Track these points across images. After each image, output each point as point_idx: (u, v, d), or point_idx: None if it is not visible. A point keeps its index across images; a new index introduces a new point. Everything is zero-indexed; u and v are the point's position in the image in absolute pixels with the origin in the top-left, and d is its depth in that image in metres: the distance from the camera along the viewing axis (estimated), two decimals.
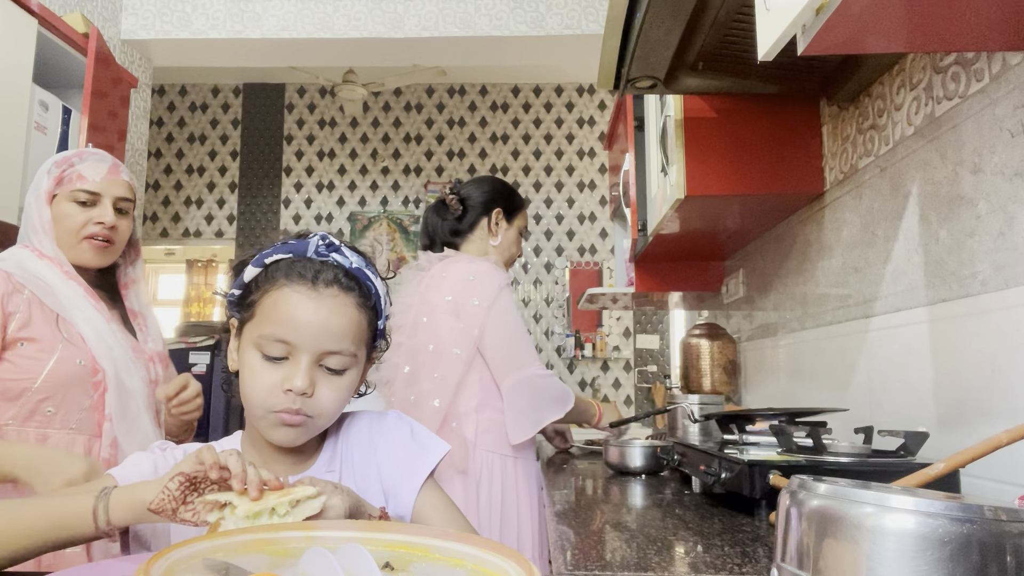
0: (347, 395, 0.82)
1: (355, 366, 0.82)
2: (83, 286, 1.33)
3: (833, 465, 1.05)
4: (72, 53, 2.42)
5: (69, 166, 1.36)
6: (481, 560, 0.59)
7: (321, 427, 0.82)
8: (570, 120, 5.30)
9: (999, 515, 0.50)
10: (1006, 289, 0.98)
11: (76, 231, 1.33)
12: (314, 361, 0.78)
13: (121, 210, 1.38)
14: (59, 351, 1.27)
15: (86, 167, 1.36)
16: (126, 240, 1.41)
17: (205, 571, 0.56)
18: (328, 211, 5.28)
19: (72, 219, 1.33)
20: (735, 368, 2.21)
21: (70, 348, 1.28)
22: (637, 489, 1.43)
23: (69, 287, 1.31)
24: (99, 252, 1.35)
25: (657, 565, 0.81)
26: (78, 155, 1.38)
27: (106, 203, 1.35)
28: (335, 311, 0.79)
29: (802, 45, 0.85)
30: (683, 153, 1.59)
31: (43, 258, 1.32)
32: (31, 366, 1.25)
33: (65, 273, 1.32)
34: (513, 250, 1.86)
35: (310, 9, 3.67)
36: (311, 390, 0.78)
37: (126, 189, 1.39)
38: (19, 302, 1.26)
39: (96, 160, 1.38)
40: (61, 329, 1.28)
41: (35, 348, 1.25)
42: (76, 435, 1.29)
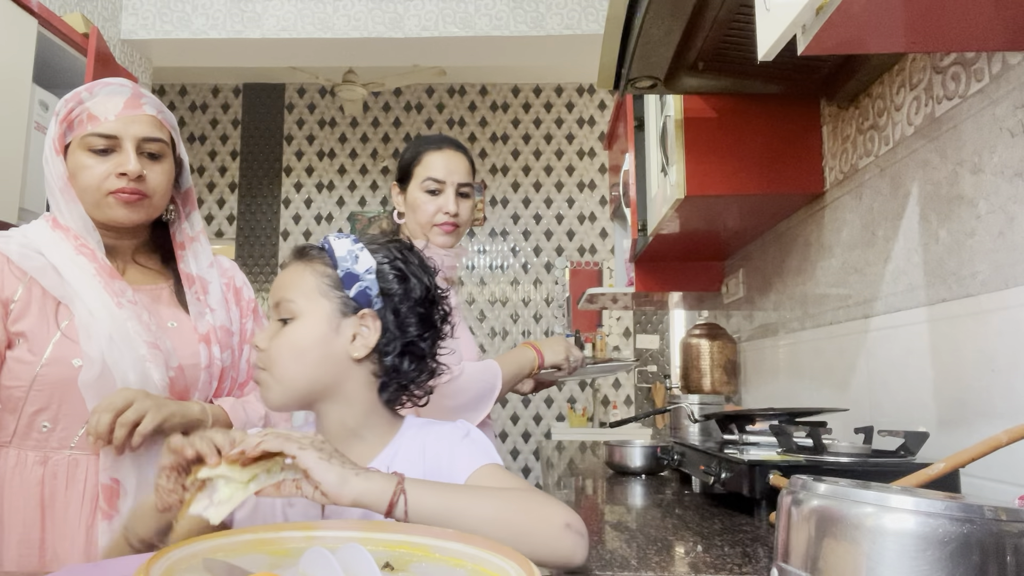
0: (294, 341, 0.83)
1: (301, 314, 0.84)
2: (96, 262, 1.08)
3: (833, 465, 1.05)
4: (72, 53, 2.42)
5: (78, 103, 1.08)
6: (481, 560, 0.59)
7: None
8: (570, 120, 5.30)
9: (999, 515, 0.50)
10: (1006, 289, 0.98)
11: (96, 186, 1.07)
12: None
13: (151, 154, 1.10)
14: (50, 350, 1.04)
15: (98, 103, 1.07)
16: (165, 189, 1.13)
17: (205, 571, 0.56)
18: (328, 211, 5.28)
19: (89, 171, 1.07)
20: (735, 368, 2.21)
21: (65, 345, 1.04)
22: (637, 489, 1.43)
23: (77, 264, 1.06)
24: (130, 208, 1.08)
25: (657, 565, 0.81)
26: (89, 89, 1.09)
27: (127, 147, 1.07)
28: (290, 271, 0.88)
29: (802, 45, 0.85)
30: (683, 153, 1.59)
31: (56, 228, 1.09)
32: (22, 370, 1.04)
33: (76, 247, 1.08)
34: (419, 216, 1.50)
35: (310, 9, 3.67)
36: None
37: (152, 126, 1.09)
38: (15, 287, 1.06)
39: (109, 92, 1.08)
40: (58, 321, 1.05)
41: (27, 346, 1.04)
42: (79, 456, 1.06)
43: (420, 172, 1.51)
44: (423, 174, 1.50)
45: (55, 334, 1.05)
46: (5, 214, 2.07)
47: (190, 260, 1.19)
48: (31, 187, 2.18)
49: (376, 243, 0.88)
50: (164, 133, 1.12)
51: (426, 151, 1.53)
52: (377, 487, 0.69)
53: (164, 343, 1.10)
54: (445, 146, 1.53)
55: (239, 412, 1.16)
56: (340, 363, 0.83)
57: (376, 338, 0.83)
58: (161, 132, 1.11)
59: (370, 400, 0.86)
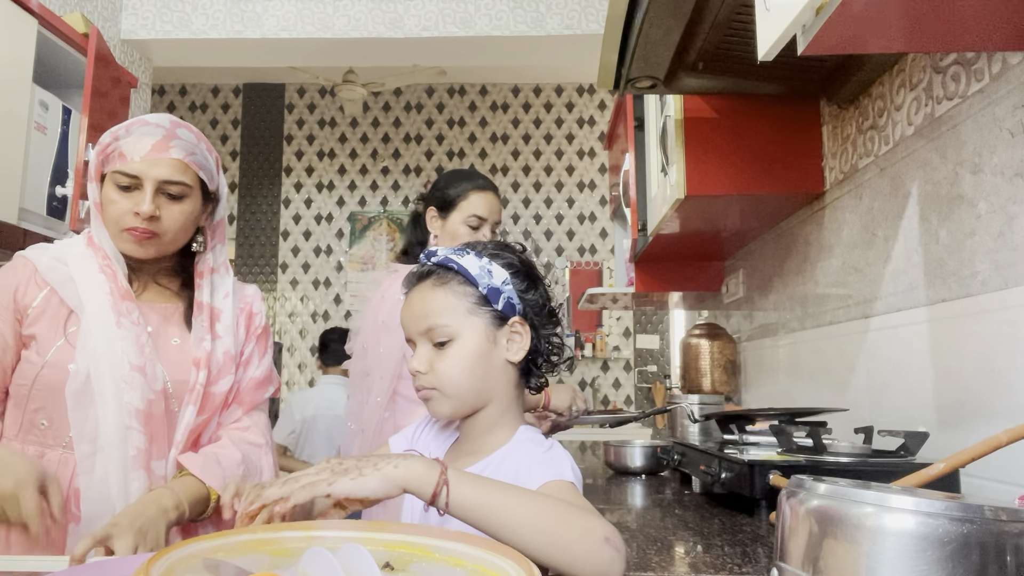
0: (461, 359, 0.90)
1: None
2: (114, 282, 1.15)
3: (833, 465, 1.05)
4: (72, 53, 2.42)
5: (114, 139, 1.14)
6: (481, 560, 0.59)
7: None
8: (570, 120, 5.30)
9: (999, 515, 0.50)
10: (1006, 289, 0.98)
11: (115, 220, 1.14)
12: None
13: (171, 195, 1.14)
14: (52, 353, 1.11)
15: (129, 142, 1.13)
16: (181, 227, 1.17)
17: (205, 571, 0.56)
18: (328, 211, 5.28)
19: (112, 206, 1.14)
20: (735, 368, 2.21)
21: (66, 351, 1.11)
22: (637, 489, 1.43)
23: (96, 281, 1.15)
24: (140, 245, 1.15)
25: (657, 565, 0.81)
26: (127, 127, 1.15)
27: (147, 188, 1.12)
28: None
29: (802, 45, 0.85)
30: (683, 153, 1.59)
31: (90, 246, 1.17)
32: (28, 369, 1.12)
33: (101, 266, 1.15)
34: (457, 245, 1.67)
35: (310, 9, 3.67)
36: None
37: (176, 170, 1.13)
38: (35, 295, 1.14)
39: (142, 133, 1.14)
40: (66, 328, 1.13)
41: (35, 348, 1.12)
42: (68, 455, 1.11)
43: (466, 207, 1.71)
44: (469, 210, 1.70)
45: (60, 339, 1.12)
46: (5, 214, 2.07)
47: (205, 289, 1.24)
48: (31, 187, 2.18)
49: (491, 253, 0.96)
50: (189, 176, 1.15)
51: (473, 190, 1.72)
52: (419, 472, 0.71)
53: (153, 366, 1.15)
54: (488, 188, 1.74)
55: (214, 469, 1.13)
56: (500, 369, 0.91)
57: (529, 340, 0.92)
58: (184, 175, 1.15)
59: (512, 395, 0.94)
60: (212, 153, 1.22)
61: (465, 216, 1.70)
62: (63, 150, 2.34)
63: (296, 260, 5.23)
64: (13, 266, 1.17)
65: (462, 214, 1.71)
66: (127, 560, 0.72)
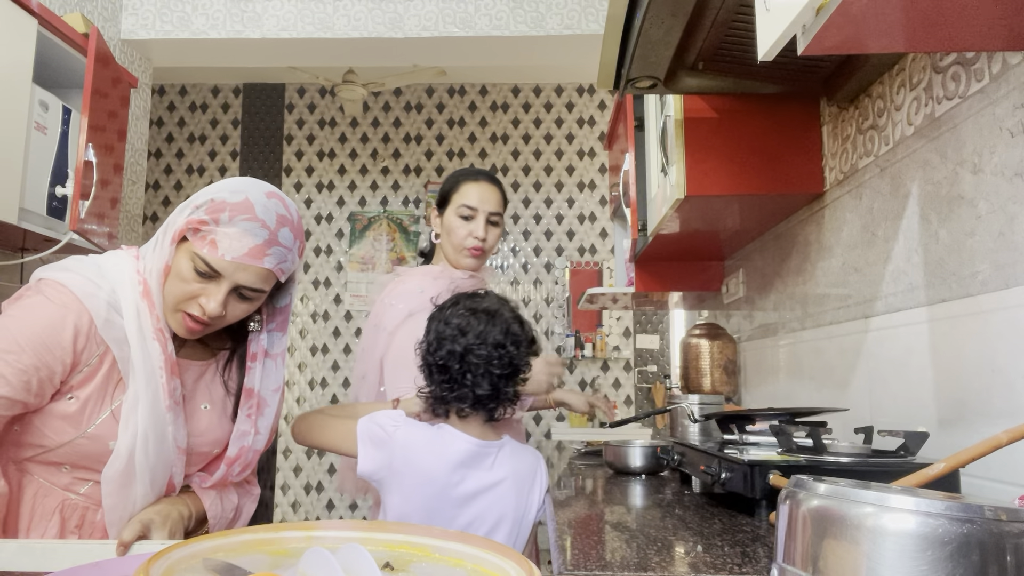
0: None
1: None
2: (165, 353, 1.07)
3: (833, 465, 1.05)
4: (72, 53, 2.42)
5: (214, 222, 1.04)
6: (481, 560, 0.59)
7: None
8: (570, 120, 5.30)
9: (999, 515, 0.50)
10: (1006, 289, 0.98)
11: (176, 299, 1.06)
12: None
13: (243, 295, 1.08)
14: (95, 427, 1.05)
15: (228, 236, 1.03)
16: (237, 321, 1.13)
17: (205, 571, 0.56)
18: (328, 211, 5.28)
19: (180, 284, 1.06)
20: (735, 368, 2.21)
21: (109, 425, 1.05)
22: (637, 489, 1.43)
23: (149, 351, 1.06)
24: (188, 331, 1.09)
25: (657, 565, 0.81)
26: (232, 213, 1.04)
27: (223, 287, 1.05)
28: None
29: (802, 45, 0.85)
30: (683, 153, 1.59)
31: (145, 298, 1.07)
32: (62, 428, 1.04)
33: (155, 330, 1.07)
34: (453, 238, 1.68)
35: (310, 9, 3.67)
36: None
37: (260, 279, 1.06)
38: (93, 353, 1.05)
39: (244, 230, 1.03)
40: (112, 399, 1.06)
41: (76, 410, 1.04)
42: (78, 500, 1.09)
43: (457, 199, 1.70)
44: (459, 201, 1.69)
45: (105, 411, 1.06)
46: (5, 214, 2.07)
47: (257, 375, 1.17)
48: (31, 187, 2.18)
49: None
50: (270, 283, 1.09)
51: (464, 181, 1.71)
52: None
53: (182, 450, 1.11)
54: (481, 178, 1.71)
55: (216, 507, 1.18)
56: None
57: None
58: (266, 284, 1.09)
59: None
60: (302, 245, 1.14)
61: (456, 207, 1.69)
62: (63, 150, 2.34)
63: None
64: (65, 304, 1.03)
65: (454, 206, 1.69)
66: (127, 560, 0.72)
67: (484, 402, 1.25)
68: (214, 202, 1.04)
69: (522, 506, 1.26)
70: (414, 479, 1.24)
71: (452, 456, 1.24)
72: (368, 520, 0.93)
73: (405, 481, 1.24)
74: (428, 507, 1.23)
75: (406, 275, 1.72)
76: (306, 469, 5.02)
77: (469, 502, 1.24)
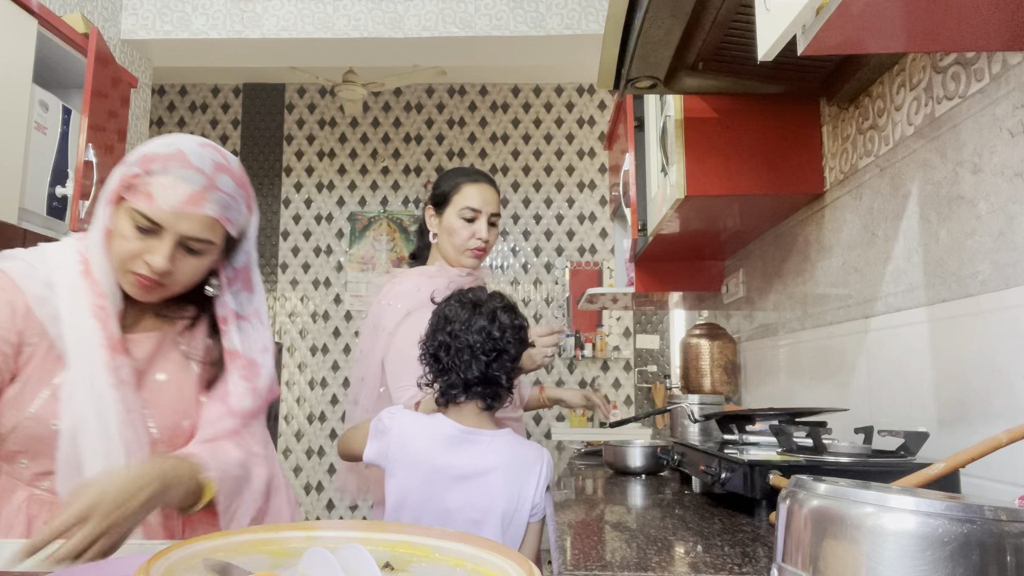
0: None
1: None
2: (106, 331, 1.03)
3: (833, 465, 1.05)
4: (72, 53, 2.42)
5: (147, 173, 1.00)
6: (481, 560, 0.59)
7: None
8: (570, 120, 5.30)
9: (999, 515, 0.50)
10: (1006, 289, 0.98)
11: (122, 260, 1.02)
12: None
13: (191, 249, 1.03)
14: (36, 406, 1.01)
15: (162, 184, 0.99)
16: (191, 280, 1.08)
17: (205, 571, 0.56)
18: (328, 211, 5.28)
19: (123, 244, 1.01)
20: (735, 368, 2.21)
21: (50, 406, 1.01)
22: (637, 489, 1.43)
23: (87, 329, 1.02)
24: (143, 291, 1.04)
25: (657, 565, 0.81)
26: (165, 162, 1.00)
27: (167, 240, 1.00)
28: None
29: (802, 45, 0.85)
30: (683, 153, 1.59)
31: (87, 277, 1.04)
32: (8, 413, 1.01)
33: (95, 308, 1.03)
34: (455, 239, 1.69)
35: (310, 9, 3.67)
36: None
37: (204, 227, 1.02)
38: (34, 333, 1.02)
39: (179, 177, 0.99)
40: (52, 377, 1.02)
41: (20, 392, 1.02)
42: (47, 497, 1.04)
43: (459, 200, 1.70)
44: (462, 203, 1.70)
45: (45, 391, 1.02)
46: (5, 214, 2.07)
47: (234, 336, 1.12)
48: (31, 187, 2.18)
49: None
50: (217, 233, 1.04)
51: (465, 182, 1.72)
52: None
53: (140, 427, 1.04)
54: (481, 179, 1.73)
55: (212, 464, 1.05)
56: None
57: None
58: (212, 233, 1.03)
59: None
60: (249, 195, 1.10)
61: (459, 209, 1.70)
62: (63, 150, 2.35)
63: (296, 260, 5.23)
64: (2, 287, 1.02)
65: (455, 207, 1.70)
66: (127, 560, 0.72)
67: (473, 387, 1.30)
68: (145, 156, 1.01)
69: (514, 498, 1.27)
70: (406, 462, 1.30)
71: (438, 439, 1.29)
72: (368, 520, 0.93)
73: (400, 465, 1.30)
74: (419, 489, 1.27)
75: (402, 276, 1.72)
76: (306, 469, 5.02)
77: (457, 485, 1.27)
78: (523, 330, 1.35)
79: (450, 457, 1.28)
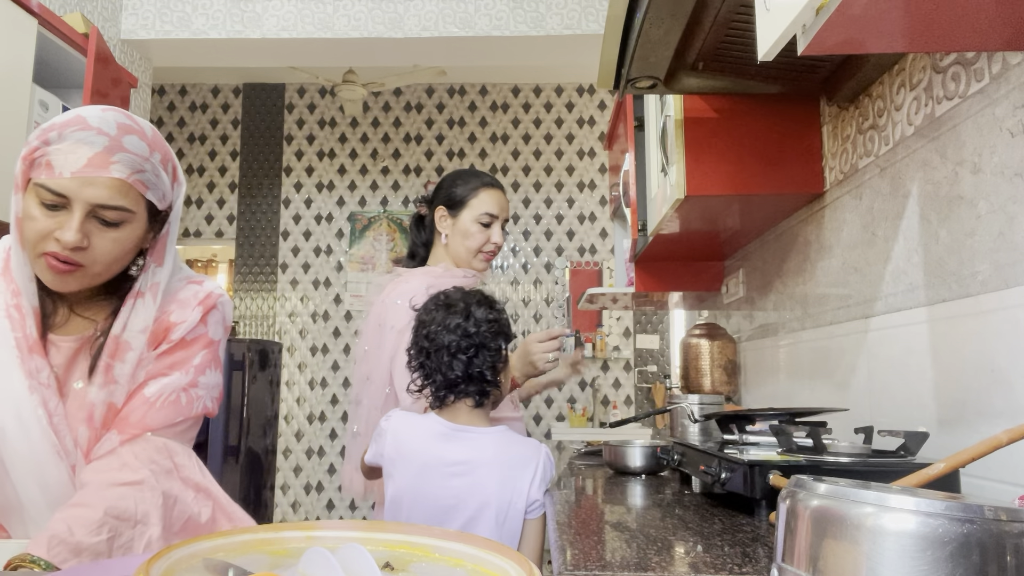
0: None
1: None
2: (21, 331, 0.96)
3: (833, 465, 1.05)
4: (72, 53, 2.42)
5: (43, 143, 0.92)
6: (481, 560, 0.59)
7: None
8: (570, 120, 5.30)
9: (999, 515, 0.50)
10: (1006, 289, 0.98)
11: (33, 242, 0.93)
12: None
13: (105, 221, 0.94)
14: None
15: (60, 151, 0.91)
16: (114, 259, 0.98)
17: (205, 571, 0.56)
18: (328, 211, 5.28)
19: (31, 224, 0.93)
20: (735, 368, 2.21)
21: None
22: (637, 489, 1.43)
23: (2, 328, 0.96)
24: (58, 277, 0.95)
25: (657, 565, 0.81)
26: (61, 128, 0.92)
27: (76, 212, 0.91)
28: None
29: (802, 45, 0.85)
30: (683, 153, 1.59)
31: (5, 275, 0.99)
32: None
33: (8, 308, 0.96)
34: (469, 243, 1.72)
35: (310, 9, 3.67)
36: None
37: (114, 192, 0.92)
38: None
39: (78, 140, 0.91)
40: None
41: None
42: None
43: (477, 205, 1.72)
44: (480, 208, 1.72)
45: None
46: (5, 214, 2.07)
47: (122, 319, 1.02)
48: None
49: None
50: (131, 199, 0.94)
51: (483, 188, 1.74)
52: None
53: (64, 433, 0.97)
54: (497, 185, 1.77)
55: (63, 554, 0.88)
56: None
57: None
58: (126, 199, 0.94)
59: None
60: (168, 161, 1.01)
61: (477, 214, 1.71)
62: None
63: (296, 260, 5.23)
64: None
65: (473, 212, 1.72)
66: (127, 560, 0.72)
67: (458, 385, 1.32)
68: (44, 128, 0.93)
69: (507, 493, 1.27)
70: (400, 459, 1.32)
71: (430, 436, 1.32)
72: (368, 520, 0.93)
73: (395, 463, 1.33)
74: (413, 484, 1.30)
75: (408, 275, 1.72)
76: (306, 469, 5.02)
77: (449, 480, 1.29)
78: (499, 323, 1.36)
79: (442, 452, 1.30)
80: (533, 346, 1.58)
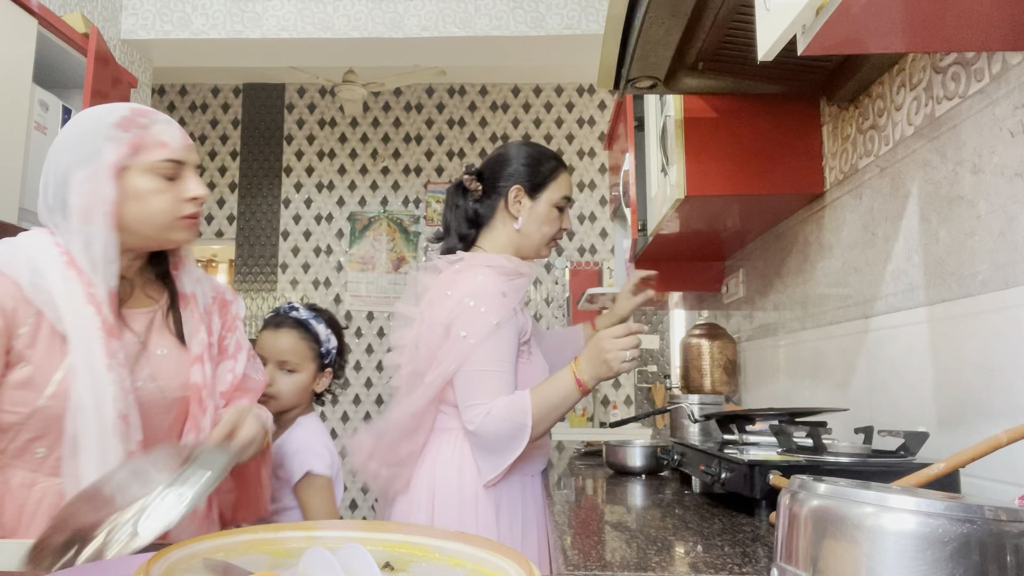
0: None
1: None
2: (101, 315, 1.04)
3: (833, 465, 1.05)
4: (72, 53, 2.42)
5: (141, 129, 1.08)
6: (481, 560, 0.59)
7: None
8: (570, 120, 5.30)
9: (999, 515, 0.50)
10: (1006, 289, 0.98)
11: (168, 210, 1.09)
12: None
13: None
14: (53, 386, 1.02)
15: (162, 131, 1.10)
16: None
17: (205, 571, 0.56)
18: (328, 211, 5.28)
19: (160, 197, 1.08)
20: (735, 368, 2.21)
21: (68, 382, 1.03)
22: (637, 489, 1.43)
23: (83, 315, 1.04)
24: (192, 232, 1.14)
25: (657, 565, 0.81)
26: (136, 115, 1.10)
27: (190, 170, 1.13)
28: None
29: (802, 45, 0.85)
30: (683, 153, 1.59)
31: (71, 267, 1.04)
32: (23, 398, 1.02)
33: (87, 295, 1.04)
34: (546, 230, 1.56)
35: (310, 9, 3.67)
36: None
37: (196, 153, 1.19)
38: (27, 316, 1.03)
39: (166, 121, 1.13)
40: (63, 356, 1.04)
41: (31, 376, 1.03)
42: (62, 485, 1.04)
43: (557, 188, 1.57)
44: (560, 191, 1.57)
45: (59, 370, 1.03)
46: (5, 214, 2.07)
47: (184, 278, 1.21)
48: (31, 187, 2.18)
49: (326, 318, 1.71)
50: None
51: (561, 169, 1.60)
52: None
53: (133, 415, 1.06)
54: (567, 166, 1.63)
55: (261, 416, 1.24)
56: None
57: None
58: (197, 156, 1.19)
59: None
60: None
61: (557, 197, 1.56)
62: None
63: (296, 260, 5.23)
64: None
65: (552, 195, 1.56)
66: (127, 560, 0.72)
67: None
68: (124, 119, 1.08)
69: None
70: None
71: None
72: (368, 520, 0.93)
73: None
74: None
75: (471, 266, 1.50)
76: None
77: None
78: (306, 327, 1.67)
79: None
80: (608, 342, 1.36)
